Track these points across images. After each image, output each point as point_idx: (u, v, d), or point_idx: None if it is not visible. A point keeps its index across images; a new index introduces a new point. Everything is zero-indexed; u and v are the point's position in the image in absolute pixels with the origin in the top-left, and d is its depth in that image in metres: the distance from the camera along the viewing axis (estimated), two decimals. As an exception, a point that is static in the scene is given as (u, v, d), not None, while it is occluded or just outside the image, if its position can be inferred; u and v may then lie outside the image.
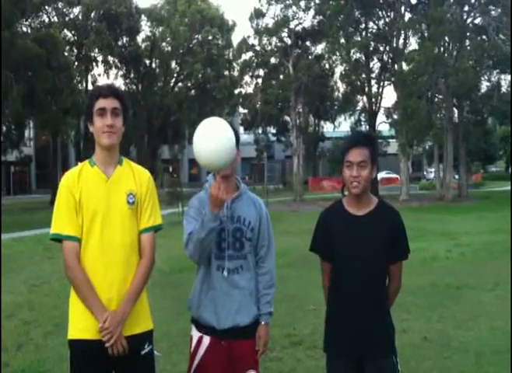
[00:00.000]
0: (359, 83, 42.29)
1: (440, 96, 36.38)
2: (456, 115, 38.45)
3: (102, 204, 3.10)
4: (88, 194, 3.10)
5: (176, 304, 8.36)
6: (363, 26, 41.49)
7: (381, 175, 53.95)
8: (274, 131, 58.95)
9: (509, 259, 11.09)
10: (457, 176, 41.48)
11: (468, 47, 34.28)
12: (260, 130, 54.43)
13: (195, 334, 3.48)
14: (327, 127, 59.64)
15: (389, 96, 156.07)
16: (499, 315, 7.62)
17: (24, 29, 38.27)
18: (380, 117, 49.42)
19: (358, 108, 47.73)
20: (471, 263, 12.08)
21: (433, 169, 56.89)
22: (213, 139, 3.07)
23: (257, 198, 3.67)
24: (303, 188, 41.93)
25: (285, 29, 45.02)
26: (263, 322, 3.52)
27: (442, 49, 35.45)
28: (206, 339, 3.42)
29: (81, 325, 3.07)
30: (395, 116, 39.90)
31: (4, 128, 39.16)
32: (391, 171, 57.82)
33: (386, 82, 42.73)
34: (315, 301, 8.69)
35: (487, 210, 25.97)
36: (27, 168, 61.15)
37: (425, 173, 70.48)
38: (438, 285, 9.81)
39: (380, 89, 43.02)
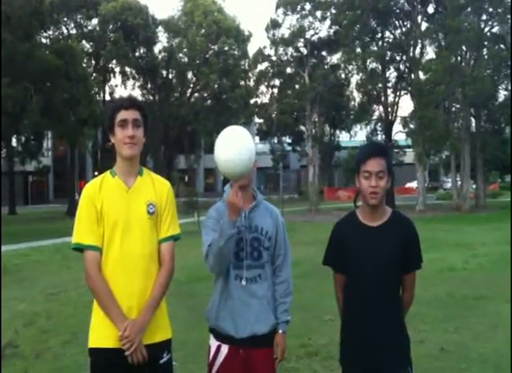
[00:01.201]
0: (375, 93, 42.24)
1: (457, 106, 36.22)
2: (473, 124, 38.21)
3: (122, 214, 3.13)
4: (109, 204, 3.14)
5: (191, 313, 8.39)
6: (379, 35, 41.45)
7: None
8: (289, 141, 59.01)
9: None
10: (474, 186, 41.19)
11: (486, 56, 34.14)
12: (275, 140, 54.53)
13: (213, 343, 3.50)
14: (343, 137, 59.56)
15: (405, 106, 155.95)
16: (516, 327, 7.55)
17: (43, 40, 38.69)
18: (397, 127, 49.17)
19: (374, 117, 47.60)
20: (488, 273, 12.00)
21: (449, 179, 56.61)
22: (235, 147, 3.14)
23: (274, 208, 3.69)
24: (318, 198, 41.86)
25: (301, 39, 45.23)
26: (280, 331, 3.53)
27: (459, 58, 35.36)
28: (224, 348, 3.44)
29: (101, 333, 3.10)
30: (412, 126, 39.71)
31: (23, 139, 39.59)
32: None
33: (402, 92, 42.63)
34: (330, 311, 8.66)
35: (504, 220, 25.73)
36: (45, 178, 61.64)
37: (441, 183, 70.07)
38: (455, 296, 9.75)
39: (397, 99, 42.93)
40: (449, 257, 14.26)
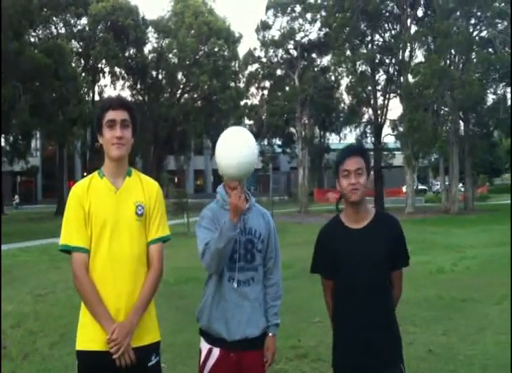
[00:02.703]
0: (364, 95, 42.33)
1: (446, 109, 36.37)
2: (462, 128, 38.41)
3: (111, 216, 3.11)
4: (97, 205, 3.11)
5: (181, 315, 8.37)
6: (369, 38, 41.64)
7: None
8: (279, 143, 58.99)
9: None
10: (462, 189, 41.40)
11: (475, 60, 34.31)
12: (265, 142, 54.48)
13: (204, 346, 3.49)
14: (333, 139, 59.69)
15: (395, 109, 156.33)
16: (504, 329, 7.57)
17: (32, 39, 38.53)
18: (386, 129, 49.47)
19: (363, 120, 47.71)
20: (476, 275, 12.06)
21: (438, 182, 56.84)
22: (239, 148, 3.15)
23: (265, 211, 3.70)
24: (308, 199, 41.91)
25: (292, 42, 45.27)
26: (270, 334, 3.54)
27: (448, 62, 35.53)
28: (216, 351, 3.43)
29: (89, 336, 3.07)
30: (401, 129, 39.89)
31: (11, 138, 39.33)
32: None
33: (392, 95, 42.77)
34: (320, 313, 8.68)
35: (493, 223, 25.90)
36: (33, 178, 61.37)
37: (430, 186, 70.34)
38: (443, 298, 9.79)
39: (386, 101, 43.05)
40: (438, 259, 14.32)
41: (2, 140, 40.47)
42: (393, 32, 40.27)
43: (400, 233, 3.36)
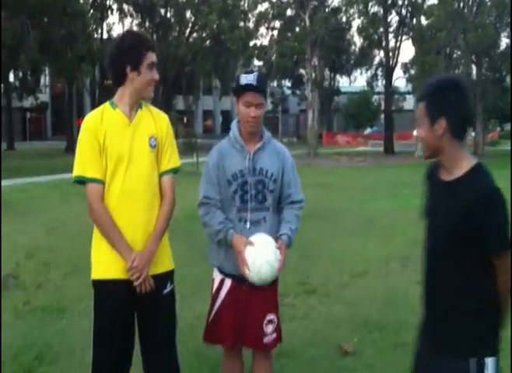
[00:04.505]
0: (376, 37, 41.75)
1: (459, 52, 35.87)
2: (474, 72, 37.89)
3: (126, 149, 3.11)
4: (112, 138, 3.11)
5: (190, 250, 8.47)
6: (382, -22, 40.73)
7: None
8: (289, 84, 58.50)
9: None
10: (473, 134, 41.16)
11: (489, 3, 33.61)
12: (275, 83, 54.03)
13: (217, 276, 3.54)
14: (343, 82, 59.26)
15: (407, 51, 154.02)
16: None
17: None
18: (397, 72, 48.83)
19: (374, 62, 47.18)
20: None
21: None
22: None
23: (282, 147, 3.64)
24: (317, 142, 41.77)
25: (303, -20, 44.29)
26: (281, 241, 3.40)
27: (462, 4, 34.80)
28: (228, 282, 3.48)
29: (106, 265, 3.12)
30: (412, 72, 39.41)
31: (20, 74, 39.17)
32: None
33: (404, 37, 42.14)
34: (328, 251, 8.80)
35: (502, 168, 25.70)
36: (43, 115, 61.37)
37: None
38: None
39: (398, 44, 42.49)
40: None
41: (11, 76, 40.34)
42: (407, -28, 39.40)
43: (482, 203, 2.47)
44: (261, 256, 3.23)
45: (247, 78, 3.34)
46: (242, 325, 3.48)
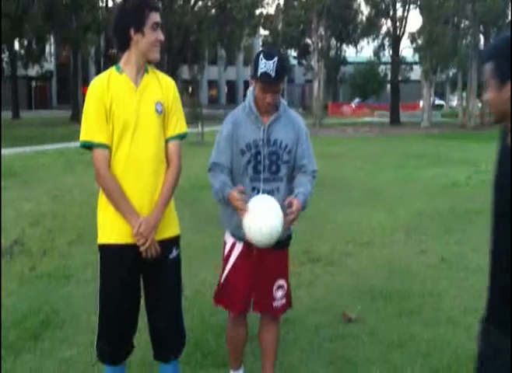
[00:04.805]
0: (383, 6, 41.25)
1: (467, 22, 35.46)
2: (482, 42, 37.50)
3: (132, 115, 3.08)
4: (118, 103, 3.07)
5: (195, 219, 8.50)
6: None
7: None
8: (295, 54, 58.04)
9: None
10: (480, 104, 40.91)
11: (497, -28, 33.12)
12: (281, 53, 53.56)
13: (229, 239, 3.54)
14: (350, 52, 58.79)
15: (414, 21, 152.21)
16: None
17: None
18: (404, 42, 48.46)
19: (381, 32, 46.66)
20: (490, 189, 12.02)
21: (455, 97, 56.09)
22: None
23: (298, 117, 3.58)
24: (322, 113, 41.55)
25: None
26: (296, 197, 3.34)
27: (470, -27, 34.32)
28: (240, 245, 3.48)
29: (112, 230, 3.12)
30: (420, 42, 39.01)
31: (25, 42, 38.97)
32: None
33: (411, 6, 41.59)
34: (333, 220, 8.81)
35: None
36: (48, 83, 61.21)
37: (447, 101, 69.42)
38: (457, 210, 9.82)
39: (405, 13, 41.94)
40: (452, 173, 14.28)
41: (16, 44, 40.14)
42: None
43: None
44: (259, 217, 3.19)
45: (266, 66, 3.24)
46: (252, 290, 3.51)
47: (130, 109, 3.08)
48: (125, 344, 3.25)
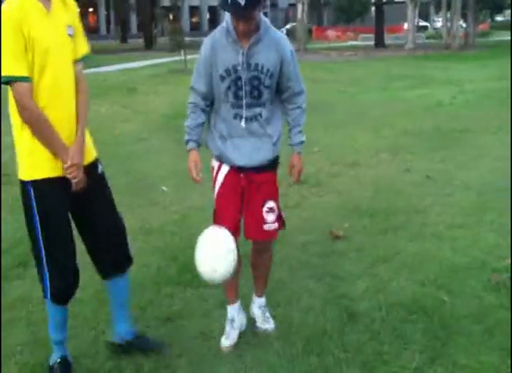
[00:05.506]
0: None
1: None
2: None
3: (51, 40, 2.91)
4: (37, 30, 2.87)
5: (181, 146, 8.41)
6: None
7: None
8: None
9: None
10: (464, 25, 40.42)
11: None
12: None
13: (216, 163, 3.45)
14: (334, -27, 57.27)
15: None
16: (501, 157, 7.69)
17: None
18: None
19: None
20: (474, 108, 12.04)
21: (440, 18, 55.30)
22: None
23: (281, 36, 3.35)
24: (307, 37, 40.88)
25: None
26: (296, 152, 3.51)
27: None
28: (226, 167, 3.40)
29: (41, 164, 2.97)
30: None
31: None
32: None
33: None
34: (319, 143, 8.80)
35: (492, 58, 25.47)
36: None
37: (432, 22, 68.58)
38: (441, 129, 9.84)
39: None
40: (437, 93, 14.23)
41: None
42: None
43: None
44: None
45: None
46: (241, 211, 3.45)
47: (48, 35, 2.90)
48: (76, 274, 3.15)
